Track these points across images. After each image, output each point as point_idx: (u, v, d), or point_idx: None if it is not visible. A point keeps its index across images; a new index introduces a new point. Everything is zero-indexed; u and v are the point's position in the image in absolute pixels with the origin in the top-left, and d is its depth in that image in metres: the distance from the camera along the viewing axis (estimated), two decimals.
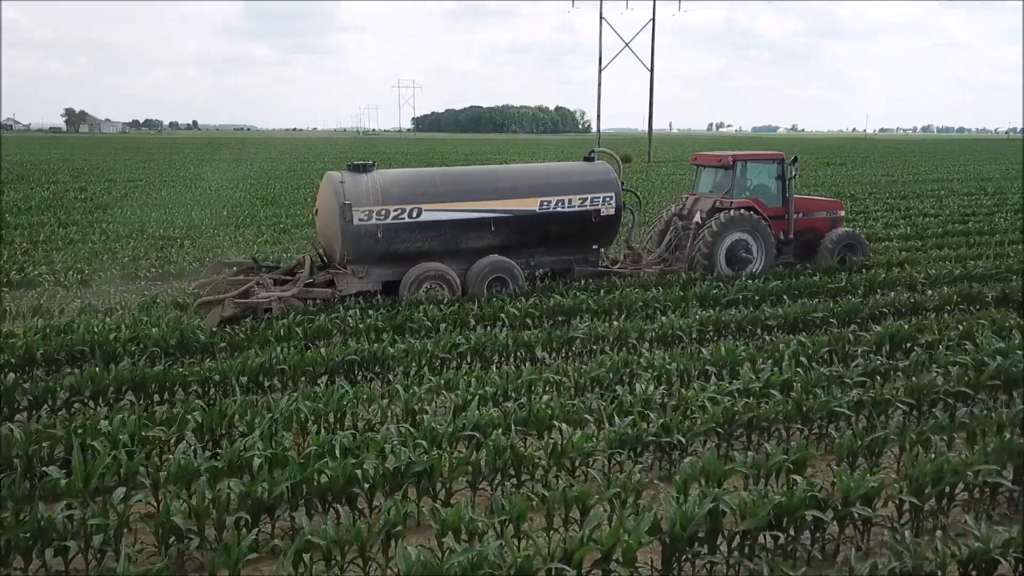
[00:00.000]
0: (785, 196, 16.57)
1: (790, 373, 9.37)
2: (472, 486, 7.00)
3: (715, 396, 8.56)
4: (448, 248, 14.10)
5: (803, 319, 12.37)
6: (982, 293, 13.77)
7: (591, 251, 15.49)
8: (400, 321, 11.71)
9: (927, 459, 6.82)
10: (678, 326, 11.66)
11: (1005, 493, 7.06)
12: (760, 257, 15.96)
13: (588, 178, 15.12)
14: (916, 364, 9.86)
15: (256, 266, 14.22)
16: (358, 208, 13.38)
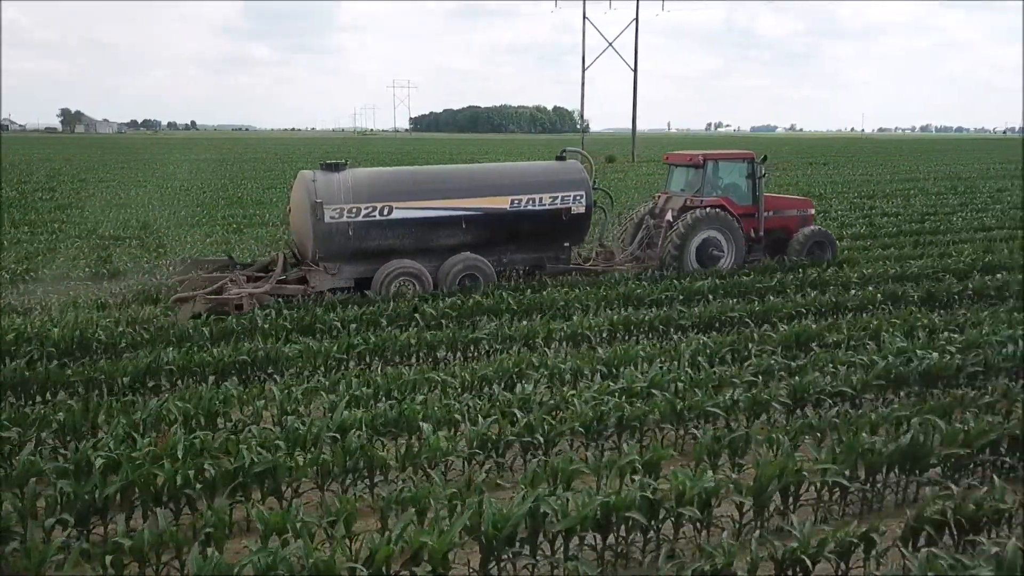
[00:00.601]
0: (755, 195, 16.80)
1: (678, 372, 9.35)
2: (320, 487, 6.98)
3: (596, 396, 8.55)
4: (419, 246, 14.28)
5: (719, 318, 12.34)
6: (907, 293, 13.75)
7: (562, 249, 15.67)
8: (309, 321, 11.68)
9: (771, 459, 6.78)
10: (587, 325, 11.63)
11: (857, 493, 7.05)
12: (730, 254, 16.16)
13: (559, 177, 15.32)
14: (812, 364, 9.86)
15: (231, 263, 14.46)
16: (329, 206, 13.56)
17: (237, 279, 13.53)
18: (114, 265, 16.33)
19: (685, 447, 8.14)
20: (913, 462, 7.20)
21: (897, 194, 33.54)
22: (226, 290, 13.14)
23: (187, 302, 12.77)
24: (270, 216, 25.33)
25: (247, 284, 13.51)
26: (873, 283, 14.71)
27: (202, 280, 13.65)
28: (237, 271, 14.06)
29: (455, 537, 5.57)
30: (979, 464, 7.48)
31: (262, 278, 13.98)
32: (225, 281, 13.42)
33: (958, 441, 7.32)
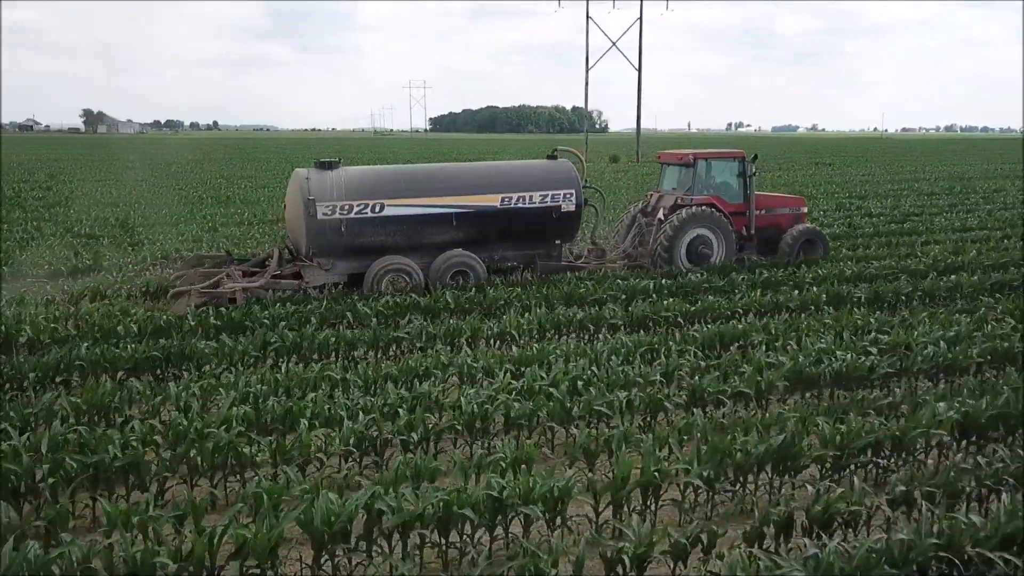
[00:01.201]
0: (746, 193, 16.88)
1: (585, 371, 9.31)
2: (188, 482, 7.04)
3: (492, 394, 8.55)
4: (411, 242, 14.48)
5: (652, 317, 12.28)
6: (851, 294, 13.63)
7: (553, 246, 15.81)
8: (239, 319, 11.76)
9: (628, 459, 6.74)
10: (515, 324, 11.62)
11: (728, 493, 7.00)
12: (720, 252, 16.30)
13: (549, 175, 15.50)
14: (726, 364, 9.79)
15: (228, 259, 14.88)
16: (322, 203, 13.85)
17: (233, 274, 13.92)
18: (74, 264, 16.48)
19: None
20: (785, 463, 7.15)
21: (890, 194, 33.15)
22: (222, 284, 13.47)
23: (183, 295, 13.13)
24: (249, 215, 25.52)
25: (242, 279, 13.85)
26: (827, 283, 14.57)
27: (200, 275, 14.02)
28: (233, 266, 14.41)
29: (282, 532, 5.61)
30: (861, 465, 7.40)
31: (257, 273, 14.31)
32: (222, 276, 13.79)
33: (834, 443, 7.26)
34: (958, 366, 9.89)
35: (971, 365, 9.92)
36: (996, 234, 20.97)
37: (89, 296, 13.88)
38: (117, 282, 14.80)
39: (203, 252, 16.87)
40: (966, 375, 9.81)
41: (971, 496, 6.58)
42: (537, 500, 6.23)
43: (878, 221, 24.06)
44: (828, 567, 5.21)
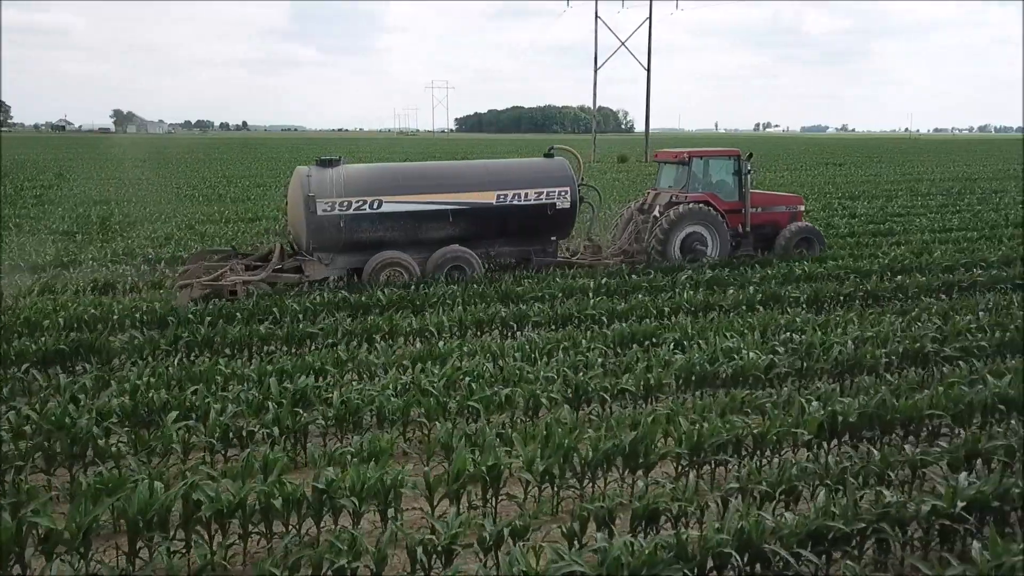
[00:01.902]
0: (741, 191, 17.08)
1: (477, 368, 9.36)
2: (46, 472, 7.20)
3: (376, 390, 8.62)
4: (408, 238, 14.85)
5: (578, 316, 12.28)
6: (789, 293, 13.53)
7: (549, 242, 16.15)
8: (162, 314, 11.95)
9: (463, 455, 6.78)
10: (435, 322, 11.68)
11: (570, 490, 7.02)
12: (714, 248, 16.59)
13: (544, 173, 15.80)
14: (628, 362, 9.80)
15: (233, 253, 15.40)
16: (322, 200, 14.27)
17: (235, 268, 14.36)
18: (35, 259, 16.83)
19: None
20: (636, 460, 7.15)
21: (885, 195, 32.76)
22: (224, 278, 13.88)
23: (187, 288, 13.58)
24: (231, 213, 25.84)
25: (244, 272, 14.28)
26: (767, 283, 14.47)
27: (204, 269, 14.48)
28: (236, 260, 14.84)
29: (95, 520, 5.73)
30: (721, 463, 7.37)
31: (260, 267, 14.73)
32: (225, 270, 14.23)
33: (690, 441, 7.24)
34: (864, 366, 9.82)
35: (878, 365, 9.83)
36: (972, 235, 20.66)
37: (37, 291, 14.17)
38: (73, 278, 15.11)
39: (208, 247, 17.25)
40: (872, 375, 9.72)
41: (795, 494, 6.53)
42: (367, 493, 6.30)
43: (858, 222, 23.76)
44: (614, 561, 5.22)
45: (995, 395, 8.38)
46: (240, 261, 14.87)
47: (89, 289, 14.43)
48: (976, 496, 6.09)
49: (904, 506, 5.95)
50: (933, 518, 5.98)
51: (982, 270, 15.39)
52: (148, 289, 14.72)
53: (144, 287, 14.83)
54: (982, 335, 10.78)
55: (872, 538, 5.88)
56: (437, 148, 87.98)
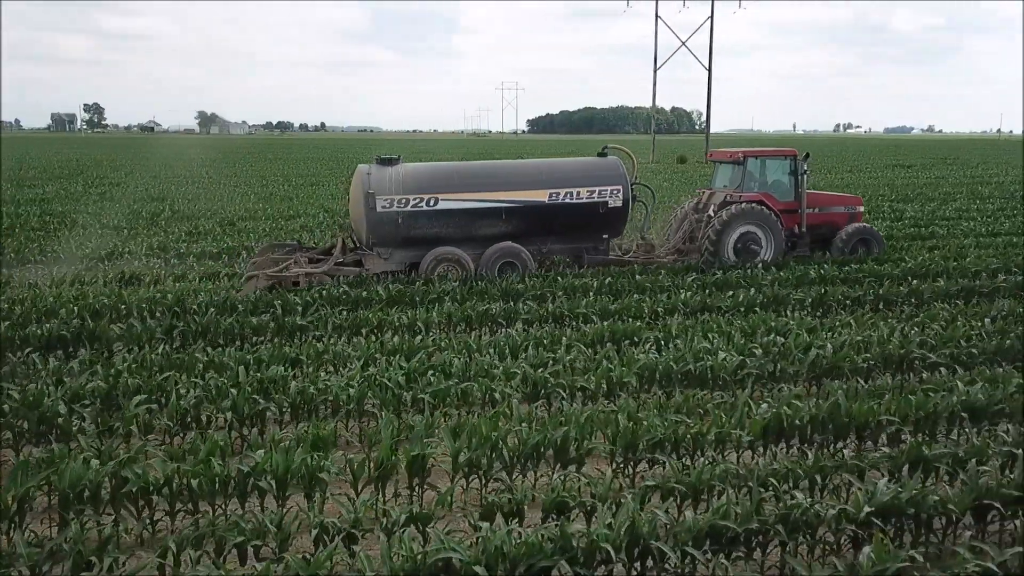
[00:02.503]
0: (797, 191, 17.01)
1: (442, 363, 9.54)
2: (14, 449, 7.68)
3: (330, 382, 8.85)
4: (463, 234, 15.36)
5: (570, 314, 12.33)
6: (792, 296, 13.32)
7: (600, 240, 16.40)
8: (170, 304, 12.49)
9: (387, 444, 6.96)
10: (424, 318, 11.90)
11: (498, 482, 7.12)
12: (769, 248, 16.50)
13: (596, 172, 16.07)
14: (598, 361, 9.83)
15: (297, 246, 16.22)
16: (381, 197, 14.92)
17: (299, 260, 15.09)
18: (77, 252, 17.74)
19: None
20: (566, 456, 7.22)
21: (942, 198, 31.60)
22: (289, 270, 14.66)
23: (253, 279, 14.40)
24: (271, 210, 26.62)
25: (307, 265, 15.01)
26: (774, 286, 14.23)
27: (270, 261, 15.26)
28: (300, 253, 15.56)
29: (27, 493, 6.13)
30: (658, 461, 7.37)
31: (322, 260, 15.43)
32: (290, 262, 14.98)
33: (624, 439, 7.27)
34: (841, 370, 9.63)
35: (856, 370, 9.63)
36: (1015, 239, 19.81)
37: (70, 281, 14.97)
38: (105, 269, 15.91)
39: (275, 241, 18.06)
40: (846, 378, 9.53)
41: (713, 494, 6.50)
42: (292, 477, 6.55)
43: (902, 225, 23.03)
44: (495, 550, 5.33)
45: (961, 403, 8.14)
46: (304, 254, 15.57)
47: (115, 280, 15.13)
48: (890, 503, 5.97)
49: (809, 510, 5.88)
50: (844, 523, 5.90)
51: (1008, 275, 14.79)
52: (172, 281, 15.34)
53: (168, 279, 15.46)
54: (978, 342, 10.42)
55: (775, 540, 5.83)
56: (505, 149, 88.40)
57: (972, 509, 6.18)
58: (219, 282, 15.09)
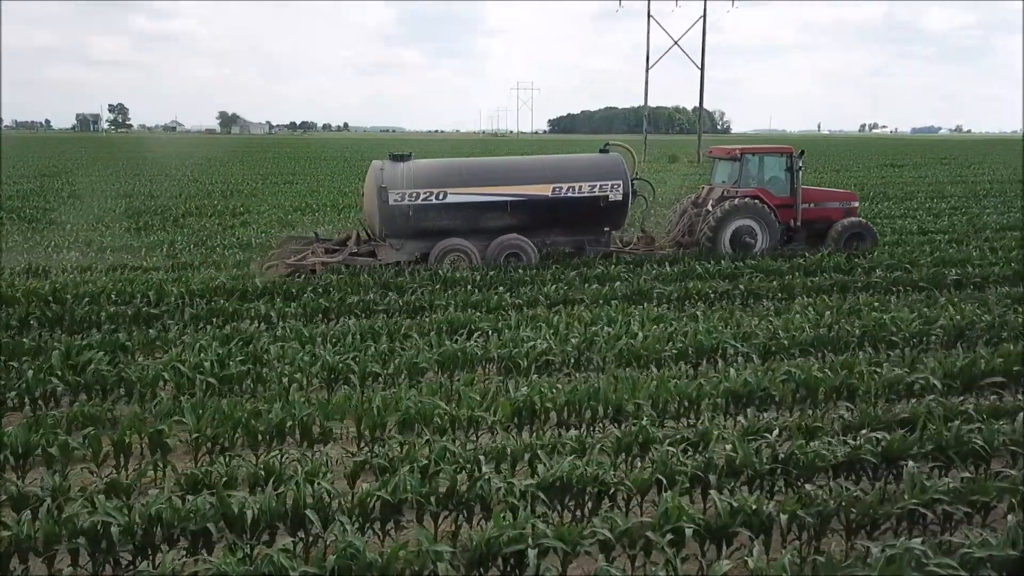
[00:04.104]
0: (793, 187, 17.60)
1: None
2: None
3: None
4: (470, 227, 16.06)
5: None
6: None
7: (602, 233, 17.08)
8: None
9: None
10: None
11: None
12: (764, 242, 17.19)
13: (598, 167, 16.80)
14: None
15: (316, 238, 17.06)
16: (393, 191, 15.69)
17: (316, 250, 15.97)
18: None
19: None
20: (311, 436, 7.59)
21: (909, 196, 31.48)
22: (307, 259, 15.57)
23: (273, 267, 15.46)
24: (225, 206, 27.20)
25: (324, 255, 15.88)
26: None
27: (289, 251, 16.20)
28: (317, 243, 16.44)
29: None
30: (403, 443, 7.70)
31: (338, 250, 16.25)
32: (308, 252, 15.90)
33: (369, 420, 7.62)
34: (651, 358, 9.92)
35: (664, 358, 9.92)
36: (937, 237, 19.80)
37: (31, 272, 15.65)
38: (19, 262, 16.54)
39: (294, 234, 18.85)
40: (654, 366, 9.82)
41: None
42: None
43: None
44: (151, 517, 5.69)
45: (724, 391, 8.38)
46: (321, 244, 16.43)
47: (23, 272, 15.65)
48: (550, 480, 6.26)
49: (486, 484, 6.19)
50: (510, 495, 6.19)
51: (888, 272, 14.92)
52: (77, 273, 15.78)
53: (75, 271, 15.88)
54: (810, 332, 10.64)
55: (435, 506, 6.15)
56: (521, 149, 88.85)
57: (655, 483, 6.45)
58: (120, 273, 15.42)
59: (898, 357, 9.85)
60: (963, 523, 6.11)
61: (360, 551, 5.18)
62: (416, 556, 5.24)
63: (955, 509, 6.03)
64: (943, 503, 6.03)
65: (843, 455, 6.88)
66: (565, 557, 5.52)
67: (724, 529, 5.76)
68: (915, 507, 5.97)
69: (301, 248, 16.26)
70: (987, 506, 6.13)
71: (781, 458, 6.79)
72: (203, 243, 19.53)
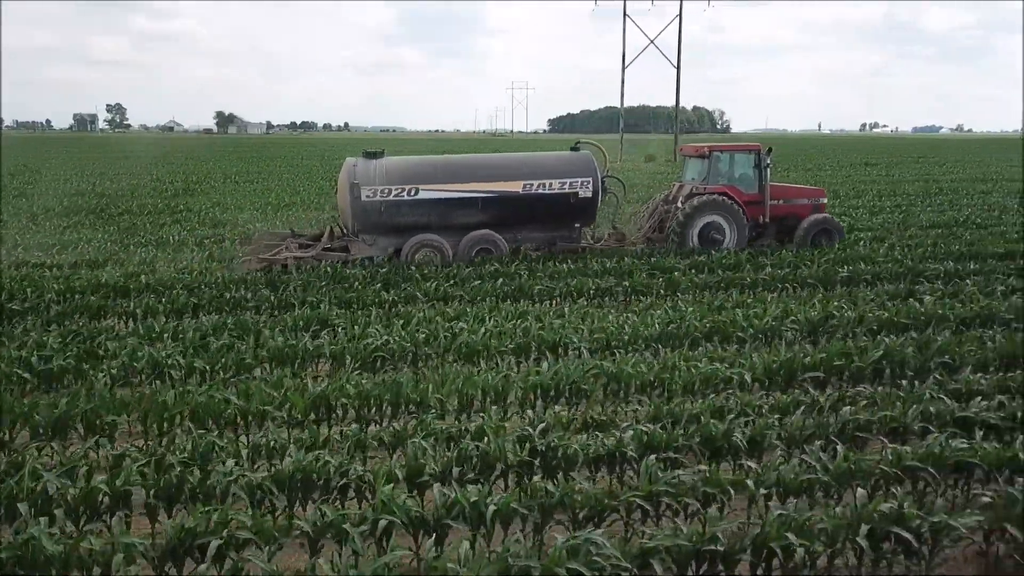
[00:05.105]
0: (761, 183, 17.83)
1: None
2: None
3: None
4: (442, 222, 16.31)
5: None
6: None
7: (573, 228, 17.37)
8: None
9: None
10: None
11: None
12: (732, 237, 17.39)
13: (568, 165, 17.12)
14: None
15: (292, 233, 17.38)
16: (366, 187, 15.92)
17: (290, 245, 16.17)
18: None
19: None
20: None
21: (860, 194, 31.42)
22: (280, 253, 15.75)
23: (247, 261, 15.73)
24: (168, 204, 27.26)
25: (297, 250, 16.09)
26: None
27: (264, 246, 16.36)
28: (291, 239, 16.63)
29: None
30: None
31: (312, 246, 16.45)
32: (282, 247, 16.09)
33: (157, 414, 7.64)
34: (490, 352, 9.95)
35: (490, 353, 9.96)
36: (867, 235, 19.73)
37: None
38: None
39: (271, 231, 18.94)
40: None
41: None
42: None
43: None
44: None
45: (530, 384, 8.38)
46: (295, 239, 16.65)
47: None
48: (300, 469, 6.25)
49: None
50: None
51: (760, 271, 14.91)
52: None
53: None
54: (631, 331, 10.62)
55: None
56: (514, 148, 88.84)
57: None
58: (16, 271, 15.39)
59: (734, 353, 9.81)
60: (692, 516, 6.07)
61: (40, 544, 5.16)
62: (105, 549, 5.23)
63: (677, 501, 6.00)
64: (668, 495, 6.01)
65: (605, 448, 6.87)
66: (271, 550, 5.52)
67: (438, 522, 5.75)
68: (634, 499, 5.95)
69: (276, 243, 16.42)
70: (713, 498, 6.10)
71: (541, 451, 6.79)
72: (121, 240, 19.55)
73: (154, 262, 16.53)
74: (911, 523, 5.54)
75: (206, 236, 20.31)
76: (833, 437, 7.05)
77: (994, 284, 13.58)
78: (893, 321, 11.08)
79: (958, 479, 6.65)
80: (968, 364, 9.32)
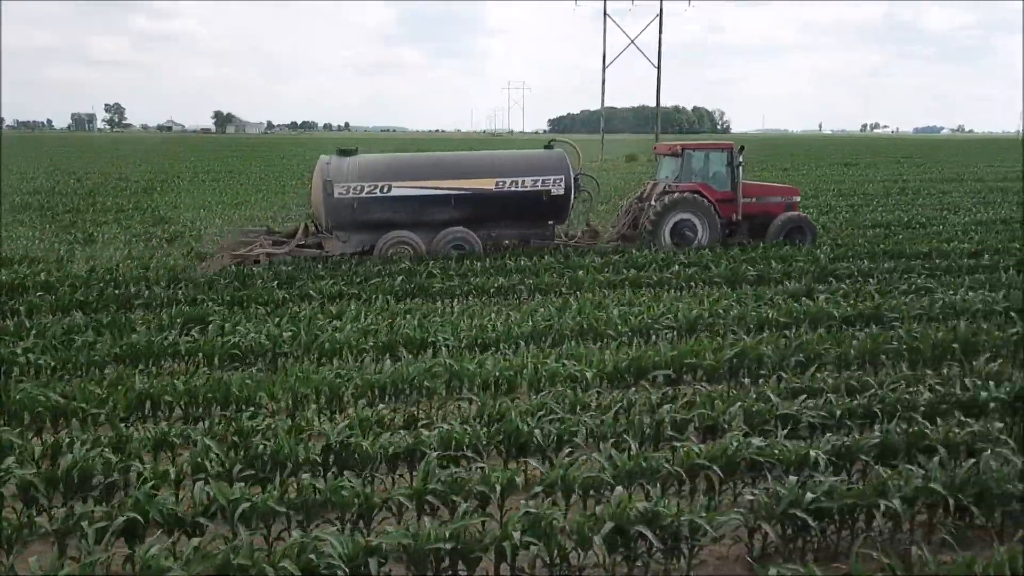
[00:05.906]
0: (733, 181, 17.87)
1: None
2: None
3: None
4: (415, 219, 16.37)
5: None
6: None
7: (546, 226, 17.52)
8: None
9: None
10: None
11: None
12: (704, 235, 17.47)
13: (540, 163, 17.19)
14: None
15: (267, 231, 17.45)
16: (339, 184, 15.97)
17: (263, 242, 16.20)
18: None
19: None
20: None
21: (826, 193, 31.35)
22: (253, 250, 15.79)
23: (218, 257, 15.75)
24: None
25: (271, 247, 16.13)
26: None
27: (237, 243, 16.45)
28: (264, 236, 16.68)
29: None
30: None
31: (286, 242, 16.49)
32: (255, 243, 16.10)
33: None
34: (340, 351, 9.91)
35: (354, 351, 9.91)
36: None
37: None
38: None
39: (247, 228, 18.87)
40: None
41: None
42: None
43: None
44: None
45: (387, 378, 8.33)
46: (269, 236, 16.71)
47: None
48: None
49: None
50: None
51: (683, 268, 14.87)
52: None
53: None
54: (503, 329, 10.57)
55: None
56: (507, 147, 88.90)
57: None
58: None
59: (591, 351, 9.72)
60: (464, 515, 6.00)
61: None
62: None
63: (443, 501, 5.93)
64: (434, 494, 5.94)
65: (404, 447, 6.81)
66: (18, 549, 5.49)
67: (193, 519, 5.69)
68: (399, 497, 5.89)
69: (251, 240, 16.46)
70: (486, 496, 6.04)
71: (335, 449, 6.74)
72: (55, 237, 19.53)
73: (67, 259, 16.41)
74: (664, 522, 5.47)
75: (136, 234, 20.24)
76: (627, 437, 6.96)
77: (896, 284, 13.51)
78: (773, 320, 11.01)
79: (755, 478, 6.58)
80: (826, 363, 9.25)
